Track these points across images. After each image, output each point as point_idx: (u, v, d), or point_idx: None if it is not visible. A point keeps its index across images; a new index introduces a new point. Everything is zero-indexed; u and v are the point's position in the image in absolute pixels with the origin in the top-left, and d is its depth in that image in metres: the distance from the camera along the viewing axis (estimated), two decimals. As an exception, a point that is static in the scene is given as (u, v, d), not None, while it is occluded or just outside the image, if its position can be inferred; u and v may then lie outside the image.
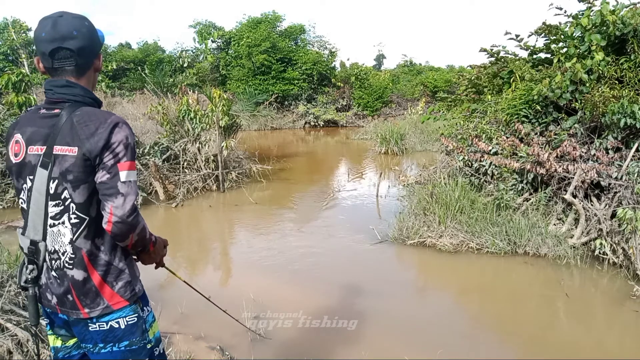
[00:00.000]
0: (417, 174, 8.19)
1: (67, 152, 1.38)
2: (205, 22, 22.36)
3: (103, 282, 1.46)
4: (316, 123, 20.04)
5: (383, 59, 40.53)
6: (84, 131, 1.37)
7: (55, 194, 1.41)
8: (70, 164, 1.38)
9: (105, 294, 1.47)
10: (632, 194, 4.58)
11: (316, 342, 3.29)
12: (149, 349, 1.57)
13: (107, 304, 1.47)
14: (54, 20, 1.41)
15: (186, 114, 8.06)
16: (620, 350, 3.26)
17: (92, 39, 1.47)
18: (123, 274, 1.50)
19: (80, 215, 1.42)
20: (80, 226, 1.42)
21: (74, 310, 1.46)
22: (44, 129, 1.44)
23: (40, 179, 1.41)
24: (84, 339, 1.51)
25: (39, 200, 1.43)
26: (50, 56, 1.42)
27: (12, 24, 20.19)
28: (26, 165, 1.45)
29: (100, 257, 1.46)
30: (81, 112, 1.42)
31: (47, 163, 1.40)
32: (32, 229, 1.46)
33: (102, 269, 1.46)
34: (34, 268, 1.47)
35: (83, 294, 1.45)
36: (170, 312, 3.56)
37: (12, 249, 3.50)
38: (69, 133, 1.39)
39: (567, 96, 5.28)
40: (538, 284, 4.30)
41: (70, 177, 1.38)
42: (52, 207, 1.42)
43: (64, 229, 1.43)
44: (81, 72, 1.47)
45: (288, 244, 5.48)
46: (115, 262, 1.48)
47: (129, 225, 1.38)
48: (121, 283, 1.49)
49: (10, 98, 6.38)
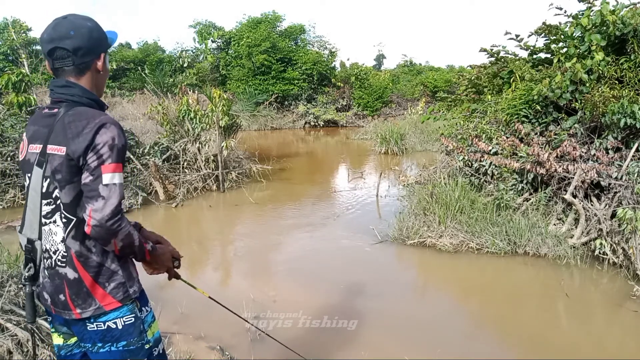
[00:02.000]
0: (417, 174, 8.19)
1: (56, 151, 1.40)
2: (205, 22, 22.35)
3: (94, 282, 1.45)
4: (316, 123, 20.03)
5: (383, 59, 40.56)
6: (71, 130, 1.38)
7: (47, 193, 1.43)
8: (58, 164, 1.39)
9: (97, 294, 1.45)
10: (632, 194, 4.58)
11: (316, 342, 3.28)
12: (147, 349, 1.56)
13: (99, 304, 1.46)
14: (57, 22, 1.44)
15: (186, 114, 8.06)
16: (620, 350, 3.26)
17: (92, 39, 1.47)
18: (116, 275, 1.47)
19: (67, 216, 1.42)
20: (68, 226, 1.43)
21: (65, 310, 1.46)
22: (44, 128, 1.46)
23: (36, 178, 1.44)
24: (83, 339, 1.52)
25: (34, 199, 1.46)
26: (49, 56, 1.45)
27: (12, 24, 20.21)
28: (27, 163, 1.49)
29: (92, 258, 1.44)
30: (73, 112, 1.42)
31: (42, 162, 1.42)
32: (29, 227, 1.48)
33: (94, 270, 1.44)
34: (31, 266, 1.48)
35: (75, 293, 1.45)
36: (170, 312, 3.55)
37: (12, 249, 3.50)
38: (60, 133, 1.40)
39: (567, 96, 5.28)
40: (538, 284, 4.30)
41: (58, 176, 1.40)
42: (45, 205, 1.44)
43: (56, 228, 1.44)
44: (80, 72, 1.47)
45: (288, 244, 5.48)
46: (107, 264, 1.46)
47: (107, 229, 1.34)
48: (114, 284, 1.47)
49: (10, 98, 6.39)
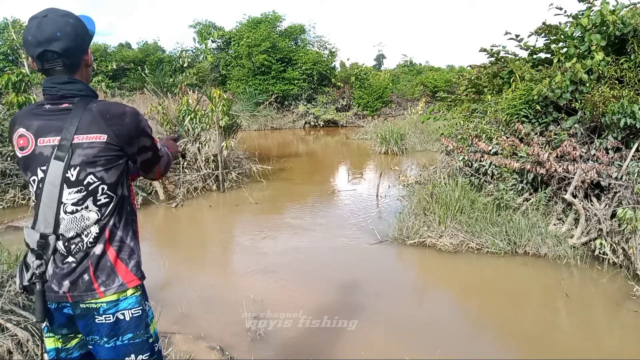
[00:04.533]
0: (417, 174, 8.18)
1: (94, 139, 1.44)
2: (205, 22, 22.36)
3: (117, 257, 1.52)
4: (316, 123, 20.04)
5: (383, 59, 40.61)
6: (112, 121, 1.47)
7: (77, 181, 1.45)
8: (99, 150, 1.45)
9: (120, 270, 1.52)
10: (632, 194, 4.58)
11: (316, 342, 3.28)
12: (150, 343, 1.59)
13: (122, 281, 1.51)
14: (39, 22, 1.43)
15: (186, 114, 8.06)
16: (620, 350, 3.26)
17: (78, 36, 1.48)
18: (134, 254, 1.58)
19: (110, 194, 1.51)
20: (109, 205, 1.51)
21: (88, 292, 1.47)
22: (56, 122, 1.46)
23: (55, 170, 1.44)
24: (91, 331, 1.51)
25: (51, 192, 1.44)
26: (39, 59, 1.45)
27: (12, 24, 20.16)
28: (37, 157, 1.47)
29: (117, 233, 1.54)
30: (98, 105, 1.49)
31: (64, 153, 1.43)
32: (43, 222, 1.46)
33: (117, 245, 1.53)
34: (42, 263, 1.46)
35: (99, 269, 1.49)
36: (170, 312, 3.55)
37: (12, 249, 3.50)
38: (92, 123, 1.45)
39: (567, 96, 5.28)
40: (538, 284, 4.30)
41: (101, 161, 1.46)
42: (74, 193, 1.46)
43: (88, 213, 1.48)
44: (73, 70, 1.50)
45: (288, 244, 5.48)
46: (127, 241, 1.56)
47: (170, 165, 1.84)
48: (133, 262, 1.56)
49: (10, 98, 6.37)
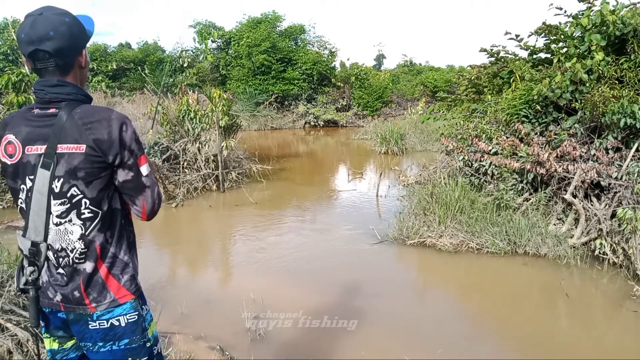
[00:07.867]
0: (417, 174, 8.18)
1: (74, 149, 1.37)
2: (205, 22, 22.33)
3: (109, 274, 1.47)
4: (316, 123, 20.03)
5: (383, 59, 40.58)
6: (91, 129, 1.37)
7: (61, 193, 1.39)
8: (80, 161, 1.37)
9: (112, 286, 1.48)
10: (632, 194, 4.58)
11: (316, 342, 3.29)
12: (148, 347, 1.57)
13: (114, 297, 1.47)
14: (34, 19, 1.37)
15: (186, 114, 8.06)
16: (620, 351, 3.26)
17: (73, 37, 1.42)
18: (128, 267, 1.52)
19: (93, 209, 1.44)
20: (94, 220, 1.44)
21: (80, 305, 1.45)
22: (43, 129, 1.40)
23: (42, 179, 1.39)
24: (84, 338, 1.50)
25: (40, 201, 1.40)
26: (31, 58, 1.39)
27: (12, 24, 20.18)
28: (24, 166, 1.42)
29: (109, 249, 1.48)
30: (82, 110, 1.40)
31: (49, 162, 1.37)
32: (33, 230, 1.43)
33: (109, 261, 1.48)
34: (35, 270, 1.43)
35: (91, 286, 1.45)
36: (170, 312, 3.55)
37: (12, 249, 3.50)
38: (74, 131, 1.37)
39: (567, 96, 5.28)
40: (538, 284, 4.30)
41: (80, 174, 1.38)
42: (58, 205, 1.41)
43: (72, 227, 1.42)
44: (65, 71, 1.44)
45: (288, 244, 5.48)
46: (121, 255, 1.51)
47: (157, 210, 1.56)
48: (127, 276, 1.51)
49: (10, 98, 6.36)
